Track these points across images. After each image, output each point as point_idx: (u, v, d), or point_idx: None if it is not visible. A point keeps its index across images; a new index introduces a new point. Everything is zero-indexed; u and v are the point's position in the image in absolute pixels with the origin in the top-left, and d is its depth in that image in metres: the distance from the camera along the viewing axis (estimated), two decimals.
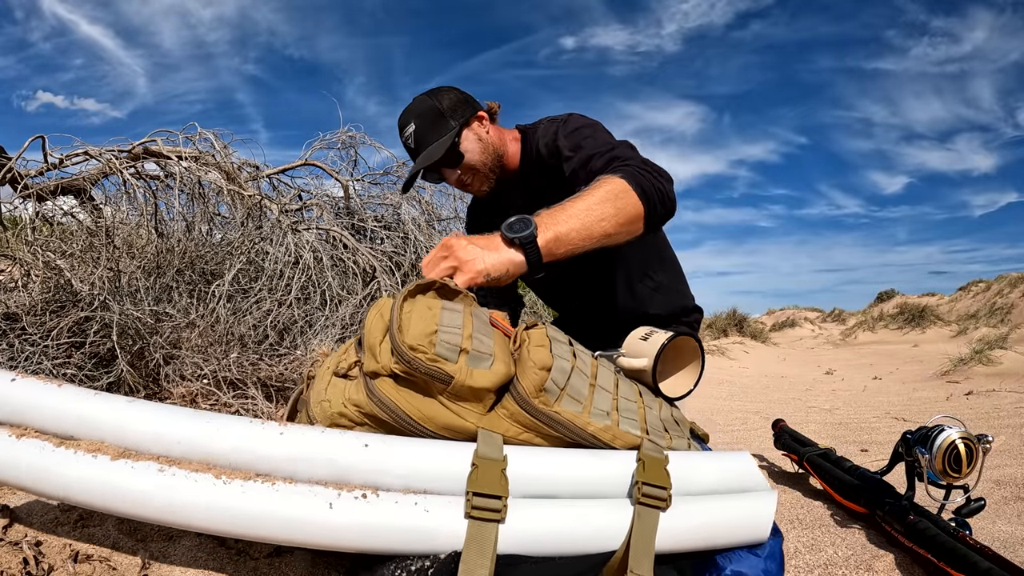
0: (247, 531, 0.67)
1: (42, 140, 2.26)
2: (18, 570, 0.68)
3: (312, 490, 0.68)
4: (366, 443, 0.72)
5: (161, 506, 0.66)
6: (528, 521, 0.69)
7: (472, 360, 0.73)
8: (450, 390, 0.72)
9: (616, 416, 0.80)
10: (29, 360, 1.43)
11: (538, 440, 0.77)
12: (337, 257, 2.32)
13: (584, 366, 0.83)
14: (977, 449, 1.08)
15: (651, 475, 0.74)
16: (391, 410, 0.73)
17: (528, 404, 0.75)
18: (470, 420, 0.74)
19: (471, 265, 0.85)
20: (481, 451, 0.71)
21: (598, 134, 1.15)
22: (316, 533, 0.67)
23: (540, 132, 1.23)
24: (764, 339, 9.85)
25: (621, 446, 0.78)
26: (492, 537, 0.66)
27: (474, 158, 1.21)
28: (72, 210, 2.33)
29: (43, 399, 0.72)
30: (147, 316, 1.62)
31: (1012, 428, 2.28)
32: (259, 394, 1.65)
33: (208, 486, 0.66)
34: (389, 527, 0.67)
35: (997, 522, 1.27)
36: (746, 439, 2.44)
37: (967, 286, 12.27)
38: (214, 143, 2.40)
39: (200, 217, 2.31)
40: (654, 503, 0.72)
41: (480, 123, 1.23)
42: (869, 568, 1.02)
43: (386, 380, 0.74)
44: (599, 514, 0.72)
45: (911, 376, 4.90)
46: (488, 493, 0.68)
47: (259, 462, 0.70)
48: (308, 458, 0.70)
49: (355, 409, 0.75)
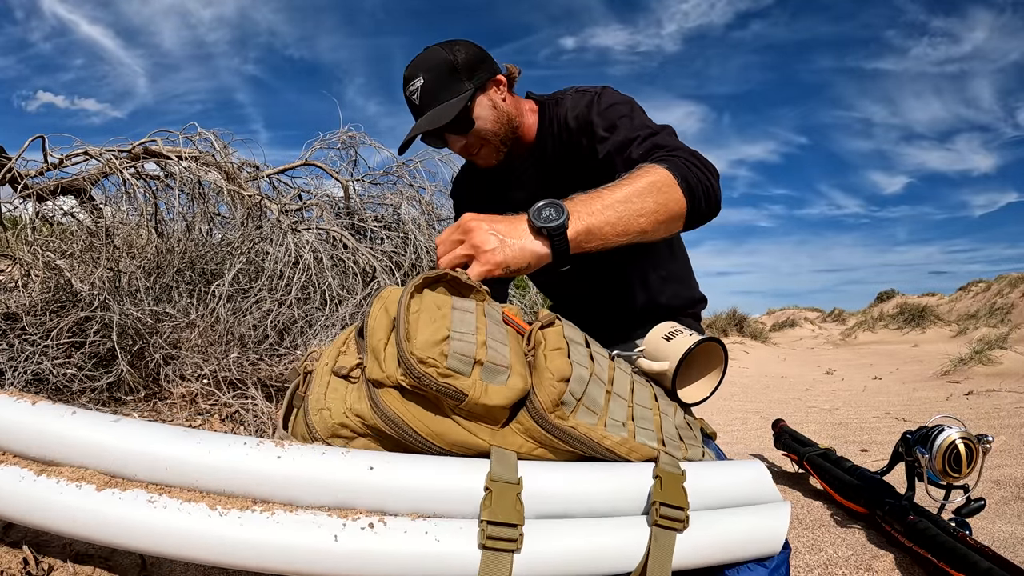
0: (247, 564, 0.63)
1: (42, 140, 2.27)
2: (18, 570, 0.68)
3: (315, 519, 0.63)
4: (371, 466, 0.67)
5: (154, 539, 0.62)
6: (543, 546, 0.66)
7: (487, 374, 0.67)
8: (463, 407, 0.67)
9: (632, 427, 0.76)
10: (29, 360, 1.43)
11: (552, 455, 0.73)
12: (337, 257, 2.32)
13: (601, 371, 0.77)
14: (977, 449, 1.08)
15: (668, 494, 0.71)
16: (397, 425, 0.68)
17: (544, 420, 0.70)
18: (483, 437, 0.69)
19: (490, 256, 0.76)
20: (495, 473, 0.67)
21: (635, 114, 1.04)
22: (321, 566, 0.62)
23: (569, 103, 1.11)
24: (764, 339, 9.85)
25: (637, 459, 0.75)
26: (507, 568, 0.63)
27: (487, 127, 1.09)
28: (72, 210, 2.33)
29: (19, 419, 0.67)
30: (147, 316, 1.62)
31: (1012, 428, 2.28)
32: (259, 394, 1.65)
33: (203, 517, 0.62)
34: (399, 559, 0.64)
35: (997, 522, 1.27)
36: (746, 439, 2.44)
37: (967, 286, 12.27)
38: (214, 143, 2.40)
39: (200, 217, 2.31)
40: (671, 524, 0.69)
41: (497, 88, 1.11)
42: (869, 568, 1.02)
43: (391, 392, 0.68)
44: (615, 536, 0.69)
45: (911, 376, 4.90)
46: (503, 522, 0.64)
47: (257, 487, 0.65)
48: (309, 482, 0.65)
49: (358, 420, 0.69)
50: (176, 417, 1.47)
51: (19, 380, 1.40)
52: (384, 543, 0.63)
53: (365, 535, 0.63)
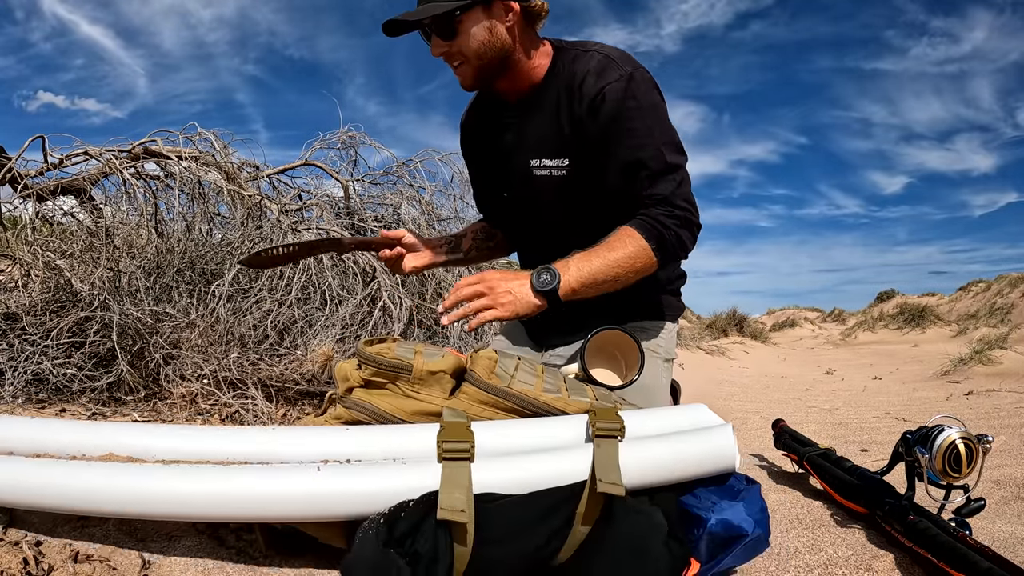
0: (251, 499, 0.73)
1: (42, 140, 2.26)
2: (18, 570, 0.68)
3: (302, 465, 0.75)
4: (347, 428, 0.83)
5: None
6: (499, 464, 0.76)
7: (427, 356, 0.87)
8: (412, 377, 0.85)
9: (565, 392, 0.91)
10: (29, 360, 1.43)
11: (499, 415, 0.87)
12: (337, 257, 2.32)
13: (529, 367, 0.97)
14: (977, 449, 1.08)
15: (603, 417, 0.81)
16: (366, 408, 0.85)
17: (483, 383, 0.87)
18: (435, 402, 0.85)
19: (507, 308, 1.00)
20: (447, 417, 0.80)
21: (656, 129, 1.06)
22: (306, 497, 0.72)
23: (593, 66, 1.07)
24: (764, 339, 9.85)
25: (575, 411, 0.87)
26: (466, 474, 0.72)
27: (471, 44, 1.04)
28: (72, 210, 2.33)
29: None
30: (147, 316, 1.62)
31: (1012, 428, 2.28)
32: (259, 394, 1.65)
33: (217, 471, 0.74)
34: (374, 482, 0.73)
35: (997, 522, 1.27)
36: (746, 439, 2.43)
37: (967, 286, 12.27)
38: (214, 143, 2.40)
39: (200, 217, 2.31)
40: (609, 433, 0.79)
41: (504, 13, 1.05)
42: (869, 568, 1.02)
43: (359, 390, 0.87)
44: (564, 455, 0.78)
45: (911, 376, 4.90)
46: (456, 439, 0.75)
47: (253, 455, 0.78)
48: (297, 444, 0.78)
49: (336, 422, 0.86)
50: (176, 417, 1.47)
51: (19, 380, 1.40)
52: (358, 470, 0.74)
53: (342, 467, 0.74)
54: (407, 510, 0.68)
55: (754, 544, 0.80)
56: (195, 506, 0.71)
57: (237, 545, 0.82)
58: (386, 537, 0.65)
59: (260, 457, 0.76)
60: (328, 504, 0.71)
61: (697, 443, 0.84)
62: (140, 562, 0.75)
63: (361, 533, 0.67)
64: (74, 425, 0.85)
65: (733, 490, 0.83)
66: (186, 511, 0.72)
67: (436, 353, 0.88)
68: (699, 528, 0.78)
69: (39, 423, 0.80)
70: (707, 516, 0.78)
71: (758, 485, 0.85)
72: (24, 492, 0.70)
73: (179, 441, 0.78)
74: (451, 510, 0.66)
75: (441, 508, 0.66)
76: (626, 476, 0.73)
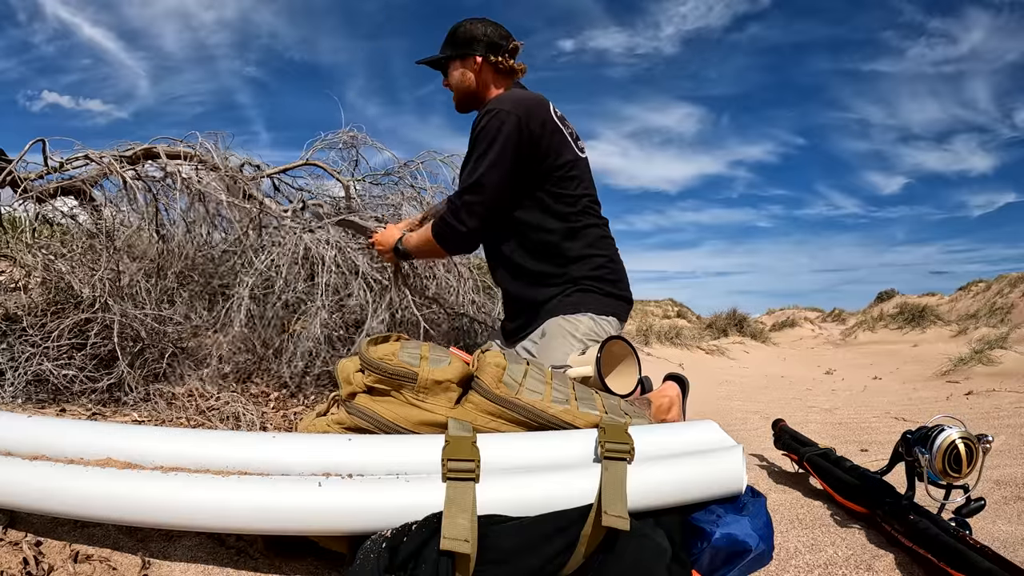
0: (250, 511, 0.72)
1: (42, 143, 2.26)
2: (18, 570, 0.68)
3: (303, 477, 0.74)
4: (349, 438, 0.80)
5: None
6: (505, 484, 0.75)
7: (432, 363, 0.85)
8: (417, 386, 0.83)
9: (575, 402, 0.89)
10: (30, 361, 1.43)
11: (506, 427, 0.85)
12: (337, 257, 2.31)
13: (539, 373, 0.95)
14: (977, 449, 1.08)
15: (612, 436, 0.80)
16: (369, 416, 0.83)
17: (490, 393, 0.85)
18: (440, 413, 0.83)
19: (381, 249, 1.67)
20: (452, 431, 0.78)
21: (478, 160, 1.37)
22: (306, 511, 0.72)
23: (488, 104, 1.41)
24: (764, 339, 9.84)
25: (583, 425, 0.85)
26: (470, 495, 0.71)
27: (451, 83, 1.54)
28: (72, 212, 2.32)
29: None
30: (148, 318, 1.62)
31: (1012, 428, 2.28)
32: (259, 394, 1.65)
33: (216, 480, 0.73)
34: (375, 499, 0.73)
35: (997, 522, 1.27)
36: (746, 439, 2.43)
37: (967, 286, 12.26)
38: (213, 155, 2.39)
39: (200, 221, 2.31)
40: (618, 455, 0.78)
41: (470, 65, 1.50)
42: (869, 568, 1.02)
43: (361, 396, 0.85)
44: (571, 475, 0.77)
45: (911, 376, 4.90)
46: (462, 458, 0.74)
47: (253, 464, 0.76)
48: (299, 453, 0.77)
49: (338, 427, 0.85)
50: (176, 417, 1.47)
51: (20, 381, 1.40)
52: (361, 487, 0.73)
53: (344, 482, 0.73)
54: (409, 534, 0.67)
55: (757, 559, 0.79)
56: (194, 518, 0.70)
57: (237, 546, 0.82)
58: (387, 563, 0.65)
59: (261, 466, 0.75)
60: (329, 520, 0.71)
61: (706, 466, 0.83)
62: (140, 562, 0.75)
63: (362, 555, 0.66)
64: (74, 425, 0.83)
65: (739, 503, 0.83)
66: (185, 522, 0.71)
67: (442, 358, 0.86)
68: (703, 541, 0.77)
69: (38, 422, 0.79)
70: (711, 530, 0.77)
71: (764, 498, 0.84)
72: (22, 496, 0.70)
73: (179, 446, 0.76)
74: (454, 539, 0.65)
75: (444, 537, 0.66)
76: (632, 498, 0.73)
